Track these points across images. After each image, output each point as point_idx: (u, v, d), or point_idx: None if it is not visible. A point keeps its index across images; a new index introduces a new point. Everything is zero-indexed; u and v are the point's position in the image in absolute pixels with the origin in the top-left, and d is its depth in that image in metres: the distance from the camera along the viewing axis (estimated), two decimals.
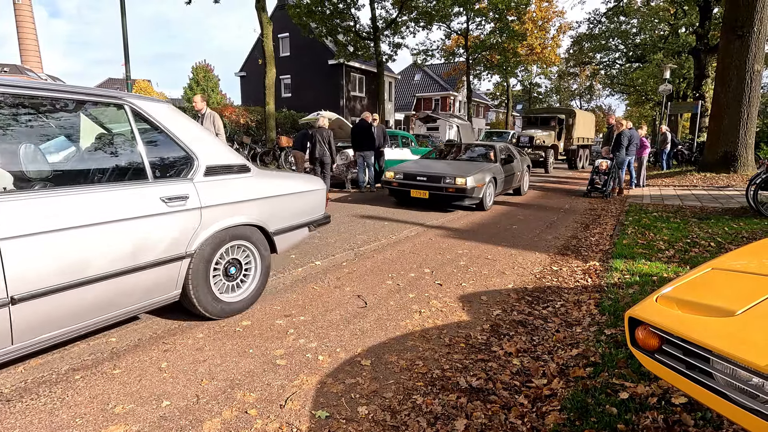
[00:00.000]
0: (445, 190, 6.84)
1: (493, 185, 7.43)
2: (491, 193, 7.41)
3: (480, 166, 7.39)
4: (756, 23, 9.86)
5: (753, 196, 6.21)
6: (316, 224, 3.65)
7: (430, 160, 8.36)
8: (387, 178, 7.49)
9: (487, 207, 7.35)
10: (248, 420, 1.88)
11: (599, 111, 56.79)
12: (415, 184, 7.16)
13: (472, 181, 6.75)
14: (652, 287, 3.41)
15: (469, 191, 6.72)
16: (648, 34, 25.09)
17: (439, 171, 7.14)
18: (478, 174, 6.95)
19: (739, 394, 1.19)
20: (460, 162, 8.00)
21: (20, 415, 1.88)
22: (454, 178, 6.79)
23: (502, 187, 7.97)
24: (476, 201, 7.03)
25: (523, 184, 9.35)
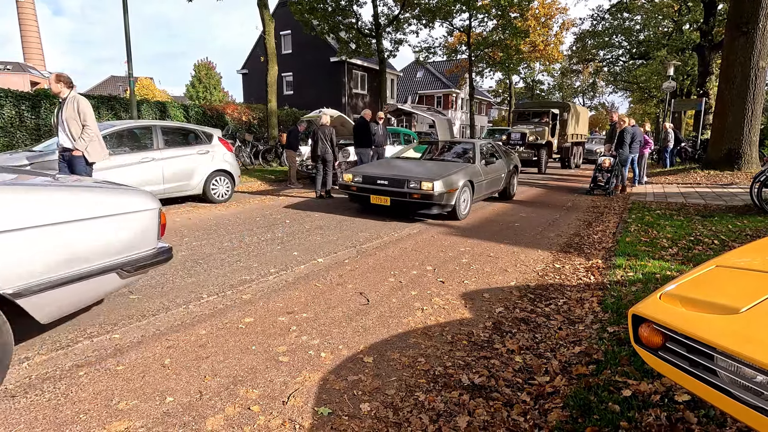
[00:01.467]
0: (408, 196, 5.79)
1: (470, 190, 6.42)
2: (467, 199, 6.39)
3: (454, 168, 6.37)
4: (761, 20, 9.78)
5: (757, 194, 6.18)
6: (136, 266, 2.47)
7: (399, 161, 7.39)
8: (345, 182, 6.41)
9: (462, 216, 6.27)
10: (251, 416, 1.89)
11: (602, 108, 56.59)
12: (375, 188, 6.07)
13: (440, 186, 5.74)
14: (655, 285, 3.40)
15: (437, 197, 5.69)
16: (652, 31, 24.91)
17: (403, 173, 6.12)
18: (450, 177, 5.94)
19: (743, 391, 1.19)
20: (434, 163, 7.02)
21: (25, 411, 1.89)
22: (419, 182, 5.77)
23: (484, 191, 7.02)
24: (447, 209, 6.02)
25: (510, 187, 8.33)
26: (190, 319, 2.84)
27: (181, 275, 3.68)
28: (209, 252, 4.39)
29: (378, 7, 19.10)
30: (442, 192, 5.75)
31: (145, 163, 6.30)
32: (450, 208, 6.04)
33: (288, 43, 29.05)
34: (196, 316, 2.89)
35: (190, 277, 3.65)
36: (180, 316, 2.88)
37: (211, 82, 40.09)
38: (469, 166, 6.64)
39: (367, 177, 6.23)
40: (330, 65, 27.53)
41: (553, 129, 15.14)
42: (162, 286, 3.43)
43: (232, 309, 3.02)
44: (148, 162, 6.32)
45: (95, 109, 11.38)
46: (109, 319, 2.80)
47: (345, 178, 6.45)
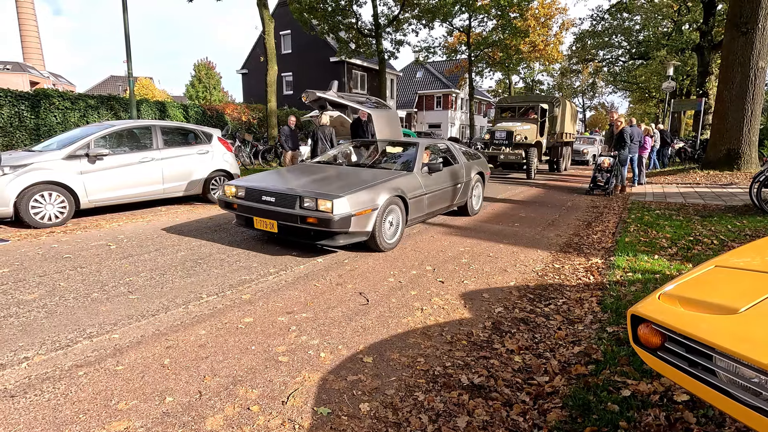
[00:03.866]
0: (300, 220, 4.03)
1: (401, 209, 4.71)
2: (397, 221, 4.70)
3: (377, 178, 4.67)
4: (760, 20, 9.79)
5: (756, 194, 6.19)
6: None
7: (311, 167, 5.54)
8: (225, 195, 4.69)
9: (387, 246, 4.56)
10: (250, 416, 1.89)
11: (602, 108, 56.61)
12: (259, 208, 4.31)
13: (344, 205, 4.01)
14: (654, 285, 3.40)
15: (339, 222, 3.95)
16: (651, 31, 24.93)
17: (296, 187, 4.41)
18: (362, 192, 4.25)
19: (742, 391, 1.19)
20: (355, 171, 5.19)
21: (24, 411, 1.89)
22: (315, 200, 4.05)
23: (428, 208, 5.30)
24: (359, 237, 4.30)
25: (471, 200, 6.51)
26: (189, 319, 2.84)
27: (180, 275, 3.68)
28: (208, 252, 4.38)
29: (378, 7, 19.12)
30: (348, 214, 4.00)
31: (145, 163, 6.30)
32: (365, 235, 4.32)
33: (288, 43, 29.06)
34: (195, 315, 2.89)
35: (189, 277, 3.65)
36: (179, 316, 2.89)
37: (210, 82, 40.11)
38: (402, 176, 4.90)
39: (251, 191, 4.46)
40: (330, 65, 27.53)
41: (542, 126, 13.06)
42: (161, 286, 3.43)
43: (232, 309, 3.02)
44: (147, 162, 6.33)
45: (95, 109, 11.39)
46: (109, 319, 2.80)
47: (226, 191, 4.69)
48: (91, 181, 5.69)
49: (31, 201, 5.19)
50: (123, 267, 3.87)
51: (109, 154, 5.90)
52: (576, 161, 18.60)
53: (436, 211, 5.63)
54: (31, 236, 4.91)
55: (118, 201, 6.08)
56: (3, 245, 4.56)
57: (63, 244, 4.62)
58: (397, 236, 4.73)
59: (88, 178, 5.67)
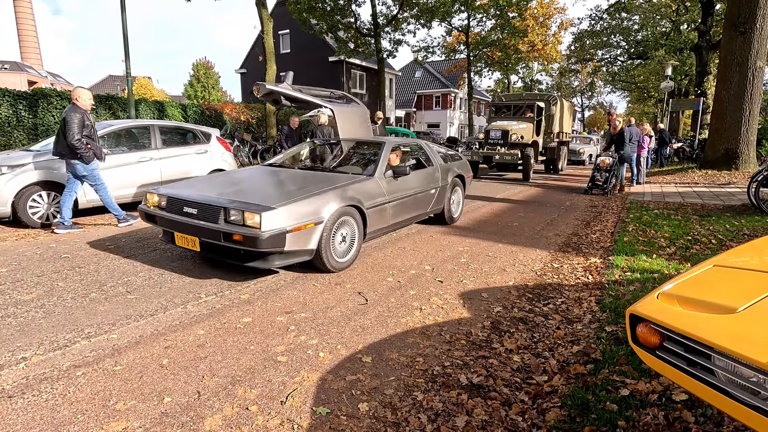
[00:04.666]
0: (224, 238, 3.28)
1: (357, 221, 4.01)
2: (352, 235, 3.98)
3: (327, 185, 3.92)
4: (758, 19, 9.81)
5: (754, 194, 6.20)
6: None
7: (250, 171, 4.82)
8: (147, 206, 3.97)
9: (337, 266, 3.84)
10: (249, 416, 1.89)
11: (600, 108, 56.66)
12: (179, 221, 3.58)
13: (278, 219, 3.29)
14: (653, 284, 3.41)
15: (268, 240, 3.20)
16: (650, 31, 24.97)
17: (224, 195, 3.69)
18: (306, 202, 3.54)
19: (740, 390, 1.19)
20: (306, 175, 4.47)
21: (22, 412, 1.88)
22: (241, 213, 3.33)
23: (393, 219, 4.58)
24: (301, 256, 3.57)
25: (450, 206, 5.86)
26: (188, 319, 2.84)
27: (179, 274, 3.67)
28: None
29: (377, 6, 19.10)
30: (281, 230, 3.26)
31: (143, 162, 6.28)
32: (307, 254, 3.60)
33: (286, 43, 29.04)
34: (194, 316, 2.89)
35: (187, 276, 3.65)
36: (178, 316, 2.88)
37: (209, 82, 40.06)
38: (360, 181, 4.18)
39: (172, 201, 3.75)
40: (328, 65, 27.52)
41: (538, 125, 12.61)
42: (160, 286, 3.42)
43: (230, 309, 3.01)
44: (146, 161, 6.31)
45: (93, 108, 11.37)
46: (107, 319, 2.79)
47: (147, 200, 3.98)
48: None
49: (29, 201, 5.17)
50: (121, 267, 3.86)
51: (107, 154, 5.89)
52: (572, 161, 18.42)
53: (405, 221, 4.94)
54: (29, 236, 4.90)
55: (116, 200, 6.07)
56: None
57: (61, 244, 4.61)
58: (351, 254, 4.00)
59: None
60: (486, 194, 9.12)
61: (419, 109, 40.32)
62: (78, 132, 4.83)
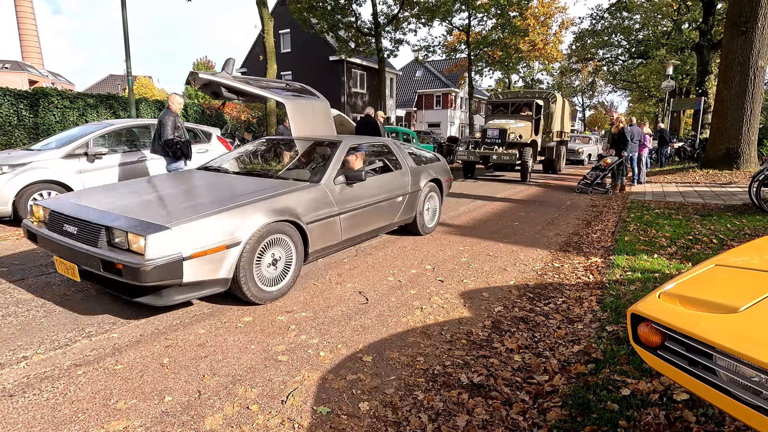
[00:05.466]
0: (104, 267, 2.58)
1: (294, 239, 3.27)
2: (287, 258, 3.25)
3: (252, 195, 3.19)
4: (760, 19, 9.79)
5: (756, 193, 6.19)
6: None
7: (169, 177, 4.08)
8: (30, 221, 3.26)
9: (264, 297, 3.06)
10: (250, 415, 1.89)
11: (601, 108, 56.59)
12: (60, 242, 2.85)
13: (171, 242, 2.56)
14: (654, 284, 3.40)
15: (155, 272, 2.47)
16: (651, 30, 24.93)
17: (113, 209, 2.92)
18: (216, 218, 2.79)
19: (742, 390, 1.19)
20: (228, 182, 3.77)
21: (23, 411, 1.88)
22: (125, 234, 2.61)
23: (349, 233, 3.90)
24: (210, 288, 2.82)
25: (423, 214, 5.12)
26: (188, 318, 2.84)
27: None
28: None
29: (377, 5, 19.09)
30: (175, 257, 2.54)
31: (143, 162, 6.28)
32: (220, 285, 2.85)
33: (287, 42, 29.02)
34: (194, 315, 2.89)
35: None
36: (179, 315, 2.88)
37: None
38: (300, 190, 3.44)
39: (54, 216, 3.03)
40: (329, 64, 27.50)
41: (537, 124, 12.23)
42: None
43: (231, 308, 3.01)
44: (146, 161, 6.31)
45: (94, 108, 11.38)
46: (108, 319, 2.80)
47: (33, 213, 3.28)
48: (89, 180, 5.68)
49: (29, 200, 5.18)
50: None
51: (107, 153, 5.89)
52: (571, 161, 18.26)
53: (364, 235, 4.20)
54: None
55: None
56: None
57: None
58: (286, 280, 3.24)
59: (86, 177, 5.66)
60: (486, 194, 9.12)
61: (420, 109, 40.29)
62: (171, 132, 5.51)
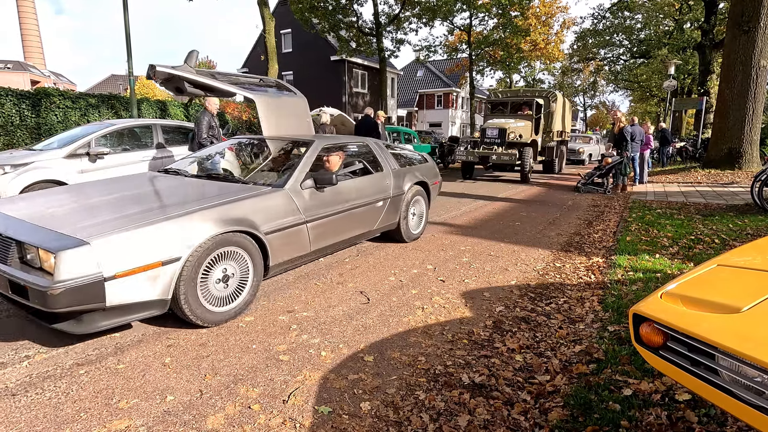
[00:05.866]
0: (13, 288, 2.25)
1: (250, 252, 2.89)
2: (241, 273, 2.86)
3: (201, 201, 2.83)
4: (762, 18, 9.76)
5: (758, 193, 6.18)
6: None
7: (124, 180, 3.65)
8: None
9: (215, 319, 2.71)
10: (251, 415, 1.89)
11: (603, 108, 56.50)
12: None
13: (89, 258, 2.16)
14: (655, 284, 3.40)
15: (67, 295, 2.09)
16: (652, 30, 24.88)
17: (34, 218, 2.56)
18: (149, 229, 2.40)
19: (744, 390, 1.18)
20: (181, 186, 3.39)
21: (25, 410, 1.89)
22: (36, 249, 2.22)
23: (320, 242, 3.55)
24: (144, 311, 2.44)
25: (408, 220, 4.76)
26: None
27: None
28: None
29: (378, 5, 19.09)
30: (96, 277, 2.19)
31: (146, 162, 6.29)
32: (156, 307, 2.49)
33: (288, 42, 29.04)
34: None
35: None
36: None
37: None
38: (258, 196, 3.07)
39: None
40: (330, 64, 27.51)
41: (537, 124, 11.93)
42: None
43: None
44: (148, 161, 6.32)
45: (96, 108, 11.40)
46: None
47: None
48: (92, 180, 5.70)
49: None
50: None
51: (109, 153, 5.90)
52: (571, 160, 18.13)
53: (337, 244, 3.84)
54: None
55: None
56: None
57: None
58: (240, 299, 2.84)
59: (88, 177, 5.67)
60: (487, 194, 9.12)
61: (421, 109, 40.27)
62: (205, 132, 5.80)
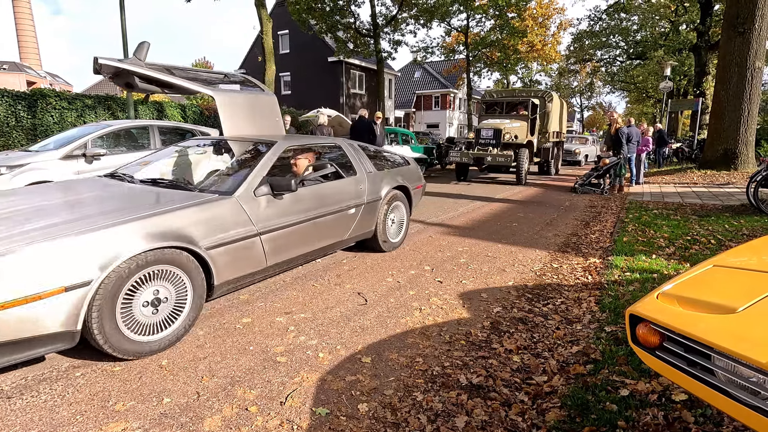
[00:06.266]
0: None
1: (190, 271, 2.50)
2: (177, 296, 2.47)
3: (133, 210, 2.45)
4: (757, 20, 9.83)
5: (753, 194, 6.21)
6: None
7: (68, 185, 3.35)
8: None
9: (142, 350, 2.30)
10: (249, 417, 1.88)
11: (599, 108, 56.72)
12: None
13: None
14: (652, 284, 3.41)
15: None
16: (649, 31, 25.01)
17: None
18: (49, 247, 2.00)
19: (740, 390, 1.19)
20: (110, 195, 2.93)
21: (21, 413, 1.88)
22: None
23: (278, 256, 3.15)
24: (44, 346, 2.01)
25: (386, 227, 4.39)
26: None
27: None
28: None
29: (376, 6, 19.12)
30: None
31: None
32: (63, 341, 2.07)
33: (286, 43, 29.03)
34: None
35: None
36: None
37: None
38: (199, 204, 2.68)
39: None
40: (328, 65, 27.51)
41: (533, 124, 11.71)
42: None
43: (230, 309, 3.01)
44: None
45: (92, 109, 11.35)
46: None
47: None
48: None
49: None
50: None
51: (106, 154, 5.88)
52: (567, 161, 18.14)
53: (302, 257, 3.42)
54: None
55: None
56: None
57: None
58: (175, 325, 2.46)
59: None
60: (485, 194, 9.13)
61: (418, 110, 40.32)
62: None
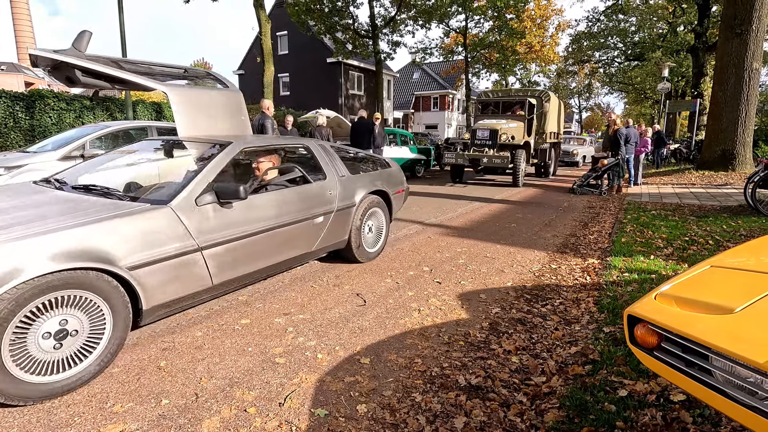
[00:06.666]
0: None
1: (110, 298, 2.09)
2: (90, 329, 2.07)
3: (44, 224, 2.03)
4: (754, 21, 9.87)
5: (751, 194, 6.23)
6: None
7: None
8: None
9: (45, 392, 1.92)
10: (247, 418, 1.88)
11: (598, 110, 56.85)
12: None
13: None
14: (650, 285, 3.41)
15: None
16: (646, 33, 25.09)
17: None
18: None
19: (738, 391, 1.19)
20: (43, 202, 2.43)
21: (18, 415, 1.87)
22: None
23: (229, 273, 2.74)
24: None
25: (361, 236, 3.99)
26: (185, 320, 2.83)
27: None
28: None
29: (375, 8, 19.14)
30: None
31: (141, 164, 6.26)
32: None
33: (284, 44, 29.05)
34: (192, 317, 2.88)
35: None
36: (176, 317, 2.87)
37: None
38: (125, 216, 2.24)
39: None
40: (326, 66, 27.52)
41: (530, 125, 11.43)
42: None
43: (229, 310, 3.01)
44: (143, 163, 6.29)
45: (90, 110, 11.35)
46: None
47: None
48: None
49: None
50: None
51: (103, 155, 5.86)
52: (565, 162, 18.11)
53: (260, 272, 3.03)
54: None
55: None
56: None
57: None
58: (87, 362, 2.09)
59: None
60: (484, 195, 9.14)
61: (417, 111, 40.35)
62: (271, 132, 6.25)
